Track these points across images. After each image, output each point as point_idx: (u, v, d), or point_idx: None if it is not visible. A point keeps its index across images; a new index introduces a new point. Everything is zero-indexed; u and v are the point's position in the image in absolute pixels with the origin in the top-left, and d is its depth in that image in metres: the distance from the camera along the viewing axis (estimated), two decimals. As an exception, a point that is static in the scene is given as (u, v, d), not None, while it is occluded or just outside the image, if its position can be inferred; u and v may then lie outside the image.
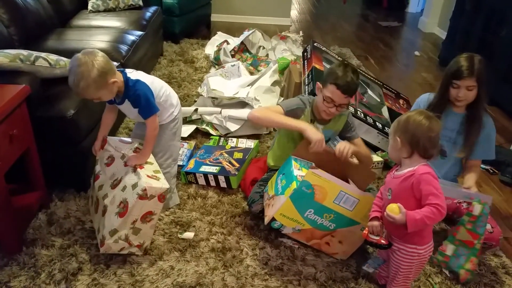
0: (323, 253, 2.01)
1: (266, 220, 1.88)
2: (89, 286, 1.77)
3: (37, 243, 1.96)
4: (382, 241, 1.61)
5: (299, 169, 1.88)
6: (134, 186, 1.80)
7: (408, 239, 1.58)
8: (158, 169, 1.95)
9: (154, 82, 2.03)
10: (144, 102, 1.91)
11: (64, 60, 2.20)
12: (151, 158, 1.99)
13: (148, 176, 1.83)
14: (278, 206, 1.82)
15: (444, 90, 2.06)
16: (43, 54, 2.11)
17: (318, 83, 2.07)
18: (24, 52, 2.04)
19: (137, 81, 1.91)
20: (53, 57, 2.16)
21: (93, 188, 2.07)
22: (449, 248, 1.93)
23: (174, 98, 2.14)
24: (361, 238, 1.81)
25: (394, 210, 1.50)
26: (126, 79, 1.89)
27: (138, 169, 1.86)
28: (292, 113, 2.10)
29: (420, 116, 1.54)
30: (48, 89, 2.13)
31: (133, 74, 1.95)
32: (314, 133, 1.94)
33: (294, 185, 1.78)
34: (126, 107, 1.97)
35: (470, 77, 1.97)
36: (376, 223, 1.64)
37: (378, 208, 1.68)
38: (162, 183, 1.83)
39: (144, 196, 1.77)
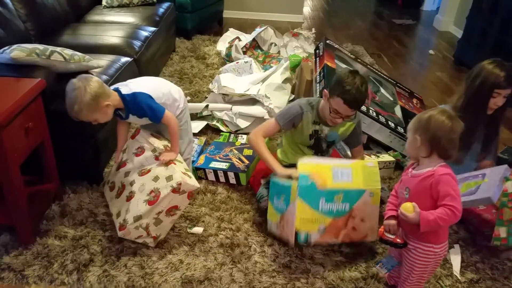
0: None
1: (291, 240, 1.86)
2: (100, 277, 1.80)
3: (50, 234, 2.00)
4: (398, 240, 1.60)
5: (286, 181, 1.93)
6: (169, 178, 1.86)
7: (424, 238, 1.57)
8: (188, 169, 2.02)
9: (150, 86, 2.06)
10: (149, 111, 1.97)
11: (78, 55, 2.23)
12: (179, 158, 2.05)
13: (182, 172, 1.90)
14: (293, 216, 1.82)
15: (485, 102, 2.04)
16: (58, 49, 2.14)
17: (325, 90, 2.04)
18: (40, 47, 2.08)
19: (133, 94, 1.95)
20: (68, 51, 2.19)
21: (116, 174, 2.12)
22: (502, 231, 1.95)
23: (176, 92, 2.18)
24: (376, 207, 1.88)
25: (409, 209, 1.50)
26: (122, 97, 1.94)
27: (172, 164, 1.93)
28: (289, 124, 2.14)
29: (442, 116, 1.51)
30: (63, 83, 2.16)
31: (128, 87, 1.98)
32: (280, 171, 2.02)
33: (294, 186, 1.81)
34: (133, 119, 2.04)
35: (511, 85, 2.00)
36: (392, 221, 1.62)
37: (393, 206, 1.67)
38: (194, 182, 1.91)
39: (177, 189, 1.85)
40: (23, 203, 1.85)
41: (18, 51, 1.98)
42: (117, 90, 1.95)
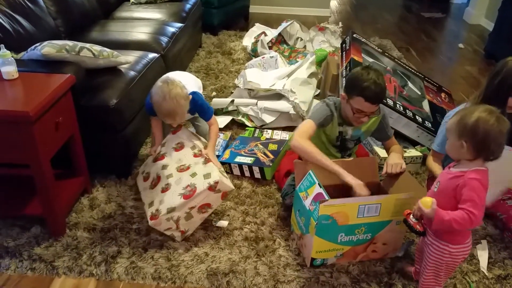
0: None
1: (307, 262, 1.88)
2: (127, 269, 1.84)
3: (79, 226, 2.05)
4: (418, 226, 1.58)
5: (307, 198, 1.84)
6: (207, 176, 1.91)
7: (439, 235, 1.55)
8: (223, 170, 2.07)
9: (195, 83, 2.23)
10: (206, 108, 2.13)
11: (107, 51, 2.27)
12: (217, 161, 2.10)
13: (220, 172, 1.94)
14: (310, 246, 1.82)
15: (503, 101, 1.92)
16: (87, 45, 2.19)
17: (342, 93, 2.00)
18: (70, 43, 2.12)
19: (193, 93, 2.08)
20: (97, 48, 2.23)
21: (152, 165, 2.15)
22: None
23: (198, 81, 2.38)
24: (402, 230, 1.84)
25: (427, 204, 1.47)
26: None
27: (211, 163, 1.98)
28: (322, 124, 2.08)
29: (491, 118, 1.42)
30: (92, 79, 2.22)
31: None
32: (352, 178, 1.89)
33: (313, 221, 1.75)
34: None
35: None
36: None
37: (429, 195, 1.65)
38: (230, 183, 1.95)
39: (213, 187, 1.88)
40: (54, 196, 1.90)
41: (48, 48, 2.03)
42: None
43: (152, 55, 2.77)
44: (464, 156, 1.48)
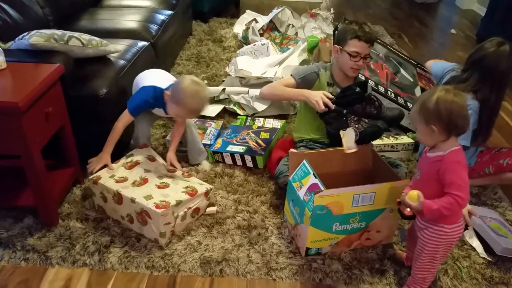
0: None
1: (302, 252, 1.89)
2: (120, 258, 1.85)
3: (72, 217, 2.05)
4: (405, 211, 1.61)
5: (301, 188, 1.84)
6: (201, 184, 2.09)
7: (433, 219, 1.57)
8: None
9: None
10: None
11: (96, 40, 2.25)
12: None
13: None
14: (305, 236, 1.82)
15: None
16: (76, 34, 2.16)
17: (335, 45, 2.11)
18: (58, 32, 2.09)
19: None
20: (85, 36, 2.21)
21: (126, 172, 2.09)
22: None
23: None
24: (396, 217, 1.87)
25: (413, 198, 1.51)
26: None
27: (193, 178, 2.15)
28: (304, 80, 2.17)
29: (449, 95, 1.45)
30: (81, 68, 2.19)
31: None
32: (313, 95, 2.05)
33: (307, 212, 1.75)
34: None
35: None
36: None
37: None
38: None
39: (208, 193, 2.06)
40: (45, 187, 1.90)
41: (36, 37, 2.00)
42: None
43: (141, 43, 2.74)
44: (438, 140, 1.51)
